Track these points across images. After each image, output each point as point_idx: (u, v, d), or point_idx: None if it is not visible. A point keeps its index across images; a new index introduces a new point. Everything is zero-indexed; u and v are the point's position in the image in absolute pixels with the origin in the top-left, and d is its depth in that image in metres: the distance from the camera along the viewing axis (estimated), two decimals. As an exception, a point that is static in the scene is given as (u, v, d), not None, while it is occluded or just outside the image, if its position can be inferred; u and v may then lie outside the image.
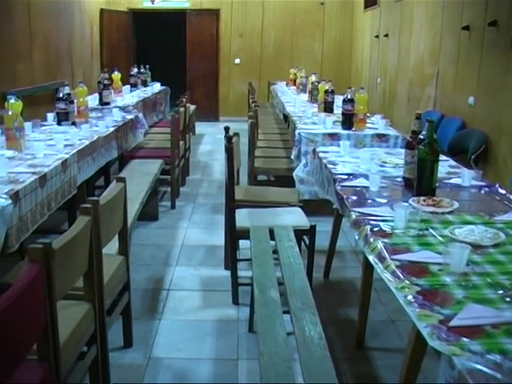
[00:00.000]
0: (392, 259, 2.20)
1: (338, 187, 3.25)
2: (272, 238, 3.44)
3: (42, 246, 1.97)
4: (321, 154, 4.09)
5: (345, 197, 3.05)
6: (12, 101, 4.11)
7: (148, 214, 5.32)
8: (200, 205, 6.31)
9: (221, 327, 3.64)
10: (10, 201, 2.87)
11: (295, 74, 10.43)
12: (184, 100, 7.33)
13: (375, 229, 2.54)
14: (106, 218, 2.65)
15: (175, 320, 3.72)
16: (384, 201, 2.96)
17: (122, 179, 3.01)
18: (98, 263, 2.60)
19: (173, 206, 6.11)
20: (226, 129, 4.18)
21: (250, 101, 7.99)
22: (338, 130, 5.33)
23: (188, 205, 6.28)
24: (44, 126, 5.20)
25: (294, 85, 10.09)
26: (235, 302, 3.93)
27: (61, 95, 5.12)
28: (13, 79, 7.31)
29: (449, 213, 2.75)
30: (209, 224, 5.60)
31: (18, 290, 1.77)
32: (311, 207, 4.48)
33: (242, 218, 3.89)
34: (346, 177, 3.44)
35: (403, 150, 3.36)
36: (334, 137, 5.20)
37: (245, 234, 3.62)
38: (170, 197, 6.20)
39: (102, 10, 11.92)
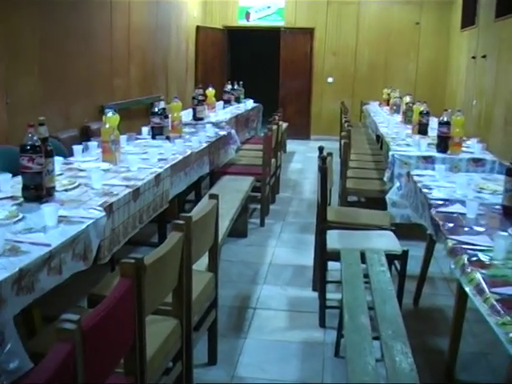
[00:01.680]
0: (491, 292, 2.10)
1: (434, 212, 3.15)
2: (363, 261, 3.38)
3: (134, 261, 1.99)
4: (415, 178, 3.99)
5: (441, 223, 2.95)
6: (109, 114, 4.21)
7: (237, 230, 5.34)
8: (289, 223, 6.29)
9: (306, 350, 3.59)
10: (104, 213, 2.94)
11: (389, 95, 10.29)
12: (277, 117, 7.35)
13: (473, 259, 2.44)
14: (197, 234, 2.66)
15: (260, 339, 3.70)
16: (482, 229, 2.84)
17: (214, 196, 3.03)
18: (188, 280, 2.61)
19: (262, 224, 6.12)
20: (321, 149, 4.16)
21: (343, 120, 7.93)
22: (433, 152, 5.19)
23: (277, 223, 6.27)
24: (138, 139, 5.33)
25: (387, 105, 9.96)
26: (322, 324, 3.87)
27: (156, 110, 5.24)
28: (111, 93, 7.55)
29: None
30: (297, 243, 5.57)
31: (110, 303, 1.79)
32: (401, 231, 4.38)
33: (333, 239, 3.84)
34: (441, 202, 3.34)
35: (501, 176, 3.24)
36: (428, 160, 5.07)
37: (335, 255, 3.58)
38: (259, 214, 6.21)
39: (197, 28, 12.16)
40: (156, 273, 2.16)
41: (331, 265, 4.07)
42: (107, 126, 4.11)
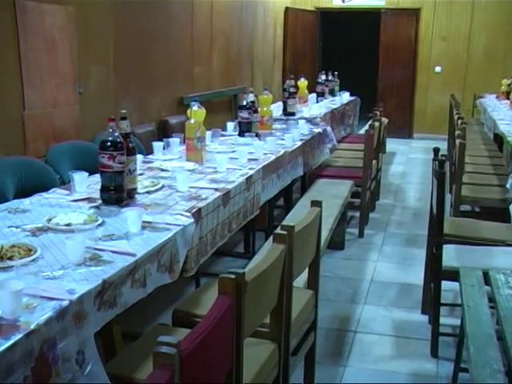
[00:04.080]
0: None
1: None
2: (486, 282, 3.27)
3: (234, 276, 1.98)
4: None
5: None
6: (195, 108, 4.21)
7: (333, 241, 5.29)
8: (392, 235, 6.20)
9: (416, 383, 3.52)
10: (192, 219, 2.94)
11: (509, 86, 10.00)
12: (378, 113, 7.26)
13: None
14: (299, 246, 2.63)
15: (362, 368, 3.65)
16: None
17: (317, 203, 3.00)
18: (288, 298, 2.59)
19: (361, 234, 6.06)
20: (436, 150, 4.07)
21: (455, 116, 7.74)
22: None
23: (378, 234, 6.20)
24: (224, 136, 5.35)
25: (507, 98, 9.68)
26: (434, 354, 3.78)
27: (244, 103, 5.25)
28: (191, 84, 7.64)
29: None
30: (403, 258, 5.48)
31: (210, 324, 1.77)
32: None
33: (450, 255, 3.74)
34: None
35: None
36: (561, 164, 4.89)
37: (452, 274, 3.48)
38: (357, 223, 6.14)
39: (286, 9, 12.17)
40: (257, 290, 2.15)
41: (444, 284, 3.96)
42: (192, 121, 4.13)
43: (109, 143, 2.99)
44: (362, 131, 8.66)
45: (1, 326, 1.82)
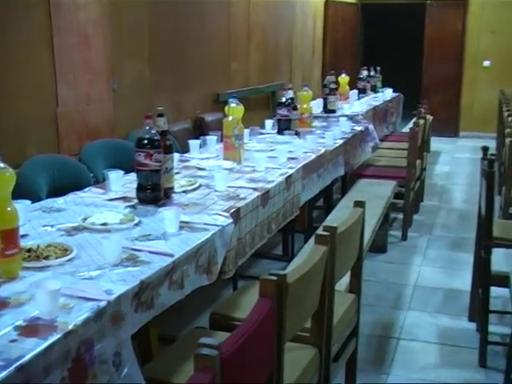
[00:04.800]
0: None
1: None
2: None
3: (276, 278, 2.01)
4: None
5: None
6: (233, 105, 4.25)
7: (375, 244, 5.28)
8: (437, 238, 6.19)
9: (464, 393, 3.52)
10: (231, 219, 2.97)
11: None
12: (423, 110, 7.24)
13: None
14: (341, 248, 2.65)
15: (406, 377, 3.64)
16: None
17: (361, 203, 3.01)
18: (330, 302, 2.61)
19: (404, 237, 6.06)
20: (485, 149, 4.06)
21: (505, 113, 7.69)
22: None
23: (422, 236, 6.19)
24: (262, 134, 5.38)
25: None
26: (482, 364, 3.76)
27: (283, 100, 5.28)
28: (227, 80, 7.67)
29: None
30: (448, 263, 5.46)
31: (250, 327, 1.80)
32: None
33: (498, 260, 3.74)
34: None
35: None
36: None
37: (500, 280, 3.47)
38: (400, 226, 6.14)
39: (326, 1, 12.16)
40: (298, 293, 2.17)
41: (493, 290, 3.95)
42: (230, 118, 4.17)
43: (145, 141, 3.02)
44: (405, 129, 8.63)
45: (38, 326, 1.87)
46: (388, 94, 9.44)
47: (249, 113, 6.39)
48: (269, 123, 5.71)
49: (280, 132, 5.27)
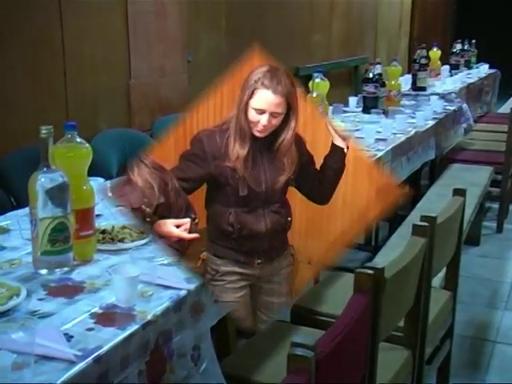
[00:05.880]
0: None
1: None
2: None
3: (372, 272, 1.96)
4: None
5: None
6: (318, 80, 4.25)
7: (468, 236, 5.16)
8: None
9: None
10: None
11: None
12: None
13: None
14: (440, 241, 2.59)
15: (505, 385, 3.56)
16: None
17: (461, 191, 2.93)
18: (426, 299, 2.55)
19: (499, 229, 5.93)
20: None
21: None
22: None
23: (519, 229, 6.04)
24: (346, 112, 5.31)
25: None
26: None
27: (370, 75, 5.21)
28: (308, 53, 7.62)
29: None
30: (549, 259, 5.32)
31: (346, 325, 1.76)
32: None
33: None
34: None
35: None
36: None
37: None
38: (495, 216, 6.01)
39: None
40: (395, 288, 2.12)
41: None
42: (314, 94, 4.15)
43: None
44: (502, 110, 8.43)
45: (115, 315, 1.87)
46: (483, 70, 9.20)
47: (331, 88, 6.32)
48: (353, 100, 5.63)
49: (366, 110, 5.20)
